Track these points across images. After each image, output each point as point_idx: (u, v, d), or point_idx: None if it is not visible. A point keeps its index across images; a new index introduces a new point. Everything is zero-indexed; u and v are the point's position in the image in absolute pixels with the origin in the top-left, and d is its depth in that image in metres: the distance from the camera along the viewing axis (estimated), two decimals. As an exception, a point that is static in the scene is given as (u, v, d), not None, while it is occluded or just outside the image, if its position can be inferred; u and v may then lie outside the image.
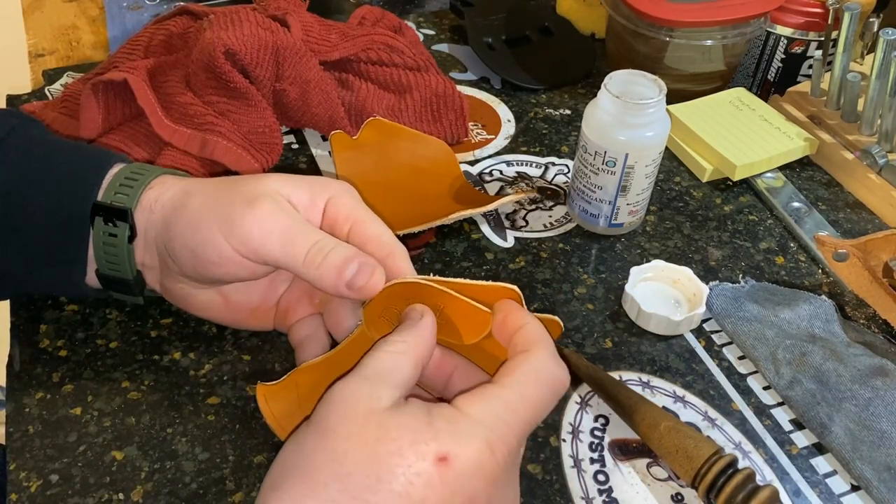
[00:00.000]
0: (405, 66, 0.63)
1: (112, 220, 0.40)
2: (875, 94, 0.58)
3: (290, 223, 0.37)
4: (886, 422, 0.42)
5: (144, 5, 0.79)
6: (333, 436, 0.29)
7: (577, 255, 0.54)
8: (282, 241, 0.36)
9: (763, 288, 0.51)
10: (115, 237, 0.40)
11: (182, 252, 0.38)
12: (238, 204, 0.37)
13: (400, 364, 0.32)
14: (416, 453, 0.28)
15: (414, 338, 0.33)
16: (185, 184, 0.41)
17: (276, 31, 0.57)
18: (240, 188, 0.38)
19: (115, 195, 0.40)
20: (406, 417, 0.29)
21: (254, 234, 0.36)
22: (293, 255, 0.36)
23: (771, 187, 0.60)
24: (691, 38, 0.64)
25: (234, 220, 0.37)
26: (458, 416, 0.30)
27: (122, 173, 0.41)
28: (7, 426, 0.42)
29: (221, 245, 0.37)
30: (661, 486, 0.41)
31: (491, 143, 0.64)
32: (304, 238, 0.36)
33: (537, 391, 0.32)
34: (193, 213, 0.38)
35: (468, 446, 0.29)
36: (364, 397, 0.30)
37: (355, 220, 0.39)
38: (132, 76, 0.53)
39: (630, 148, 0.50)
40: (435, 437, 0.28)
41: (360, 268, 0.36)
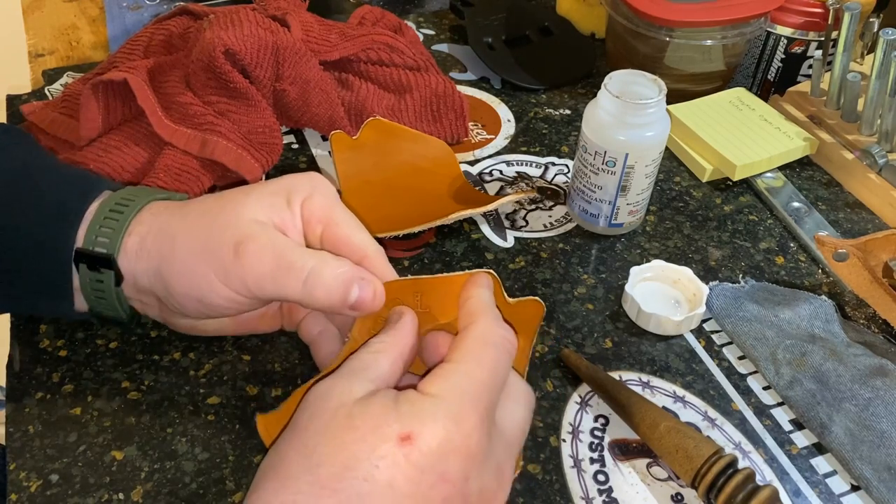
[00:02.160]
0: (405, 66, 0.63)
1: (96, 267, 0.39)
2: (875, 94, 0.58)
3: (276, 257, 0.36)
4: (886, 422, 0.42)
5: (144, 5, 0.79)
6: (304, 432, 0.30)
7: (577, 255, 0.54)
8: (274, 279, 0.36)
9: (763, 288, 0.51)
10: (101, 283, 0.39)
11: (186, 301, 0.38)
12: (226, 249, 0.36)
13: (377, 361, 0.32)
14: (379, 436, 0.28)
15: (392, 337, 0.34)
16: (165, 222, 0.39)
17: (276, 31, 0.57)
18: (221, 225, 0.37)
19: (97, 239, 0.39)
20: (372, 405, 0.30)
21: (248, 281, 0.36)
22: (290, 292, 0.36)
23: (771, 187, 0.60)
24: (691, 38, 0.64)
25: (225, 268, 0.36)
26: (420, 396, 0.30)
27: (102, 212, 0.39)
28: (7, 426, 0.41)
29: (224, 291, 0.37)
30: (661, 486, 0.41)
31: (491, 143, 0.64)
32: (293, 269, 0.36)
33: (489, 354, 0.32)
34: (185, 262, 0.37)
35: (433, 423, 0.29)
36: (336, 393, 0.30)
37: (327, 222, 0.38)
38: (132, 76, 0.53)
39: (630, 148, 0.50)
40: (398, 419, 0.29)
41: (361, 290, 0.36)
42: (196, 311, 0.39)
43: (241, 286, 0.37)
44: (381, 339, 0.34)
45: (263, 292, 0.37)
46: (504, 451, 0.32)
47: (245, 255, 0.36)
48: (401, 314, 0.35)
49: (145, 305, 0.42)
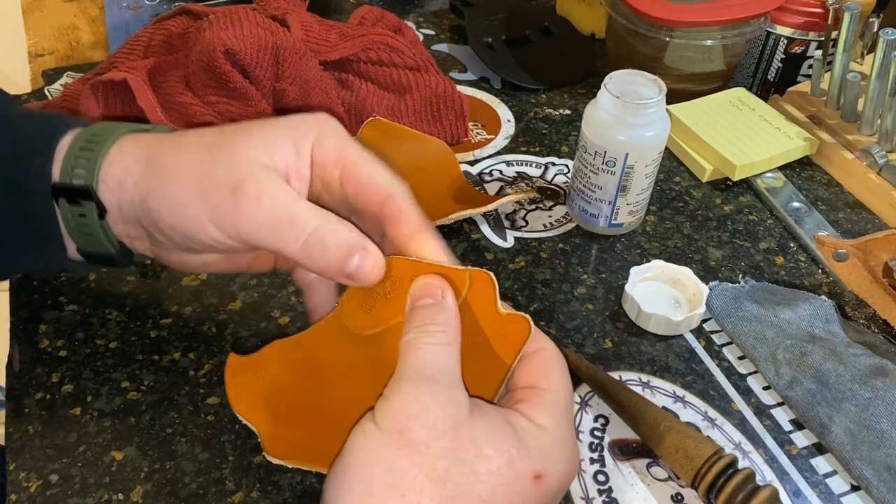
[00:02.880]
0: (405, 66, 0.63)
1: (76, 200, 0.36)
2: (875, 93, 0.58)
3: (277, 209, 0.33)
4: (886, 422, 0.42)
5: (144, 5, 0.79)
6: (429, 452, 0.28)
7: (577, 255, 0.54)
8: (271, 230, 0.34)
9: (763, 288, 0.51)
10: (84, 217, 0.37)
11: (174, 234, 0.36)
12: (222, 190, 0.34)
13: (452, 357, 0.31)
14: (515, 472, 0.29)
15: (449, 326, 0.32)
16: (156, 158, 0.36)
17: (276, 31, 0.57)
18: (220, 166, 0.34)
19: (74, 171, 0.36)
20: (494, 431, 0.29)
21: (242, 228, 0.34)
22: (288, 248, 0.34)
23: (771, 187, 0.60)
24: (691, 38, 0.64)
25: (219, 210, 0.34)
26: (536, 429, 0.30)
27: (77, 143, 0.37)
28: (7, 426, 0.41)
29: (215, 234, 0.35)
30: (660, 486, 0.41)
31: (491, 143, 0.64)
32: (295, 226, 0.34)
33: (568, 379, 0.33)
34: (176, 197, 0.35)
35: (555, 463, 0.30)
36: (446, 405, 0.29)
37: (344, 164, 0.36)
38: (132, 76, 0.53)
39: (630, 148, 0.50)
40: (528, 455, 0.29)
41: (362, 260, 0.34)
42: (183, 245, 0.37)
43: (233, 231, 0.34)
44: (438, 325, 0.32)
45: (258, 242, 0.34)
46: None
47: (243, 199, 0.33)
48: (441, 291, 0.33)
49: (133, 239, 0.39)
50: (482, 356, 0.34)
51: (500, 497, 0.28)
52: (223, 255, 0.40)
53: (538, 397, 0.31)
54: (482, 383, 0.33)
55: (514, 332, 0.33)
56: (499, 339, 0.34)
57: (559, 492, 0.30)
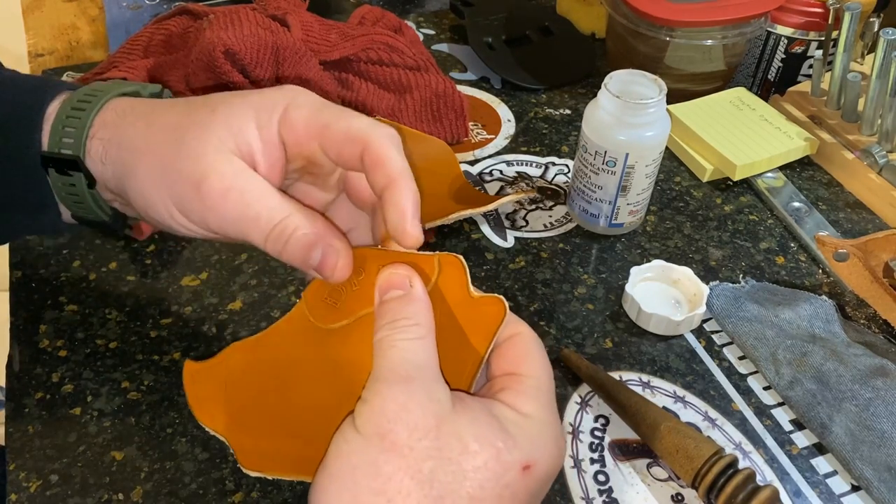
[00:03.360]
0: (405, 65, 0.63)
1: (65, 170, 0.37)
2: (875, 93, 0.58)
3: (242, 205, 0.33)
4: (887, 422, 0.42)
5: (144, 5, 0.79)
6: (412, 454, 0.27)
7: (577, 255, 0.54)
8: (236, 226, 0.33)
9: (763, 288, 0.51)
10: (74, 186, 0.37)
11: (149, 218, 0.36)
12: (187, 184, 0.33)
13: (427, 351, 0.30)
14: (503, 465, 0.28)
15: (422, 318, 0.31)
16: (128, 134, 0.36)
17: (276, 31, 0.57)
18: (185, 152, 0.33)
19: (62, 140, 0.36)
20: (479, 425, 0.28)
21: (210, 221, 0.34)
22: (250, 238, 0.34)
23: (771, 187, 0.60)
24: (691, 38, 0.64)
25: (185, 203, 0.34)
26: (520, 418, 0.30)
27: (64, 111, 0.37)
28: (7, 426, 0.41)
29: (184, 222, 0.34)
30: (661, 486, 0.41)
31: (491, 142, 0.64)
32: (259, 222, 0.33)
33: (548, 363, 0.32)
34: (143, 184, 0.34)
35: (544, 450, 0.29)
36: (425, 403, 0.28)
37: (319, 132, 0.34)
38: (132, 76, 0.53)
39: (630, 148, 0.50)
40: (515, 445, 0.28)
41: (325, 255, 0.33)
42: (159, 225, 0.36)
43: (200, 222, 0.34)
44: (411, 318, 0.31)
45: (225, 234, 0.34)
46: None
47: (208, 195, 0.33)
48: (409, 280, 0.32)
49: (125, 206, 0.39)
50: (457, 342, 0.32)
51: (489, 492, 0.27)
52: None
53: (519, 384, 0.31)
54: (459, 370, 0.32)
55: (488, 314, 0.32)
56: (473, 323, 0.32)
57: (548, 479, 0.30)
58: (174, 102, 0.36)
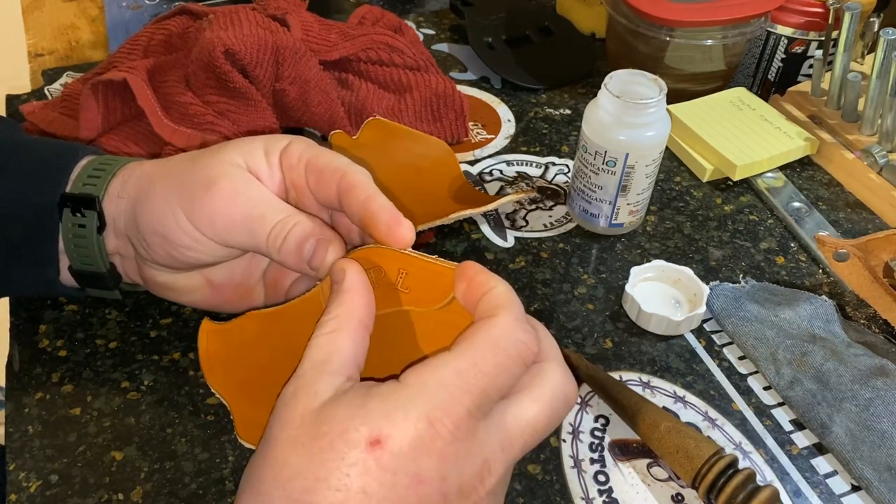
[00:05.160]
0: (405, 65, 0.63)
1: (80, 210, 0.39)
2: (875, 93, 0.58)
3: (250, 205, 0.36)
4: (887, 422, 0.42)
5: (144, 5, 0.79)
6: (275, 443, 0.28)
7: (578, 255, 0.54)
8: (244, 225, 0.36)
9: (763, 288, 0.51)
10: (83, 228, 0.39)
11: (153, 238, 0.38)
12: (198, 187, 0.36)
13: (336, 345, 0.30)
14: (347, 443, 0.27)
15: (342, 307, 0.32)
16: (148, 168, 0.40)
17: (276, 31, 0.57)
18: (199, 166, 0.37)
19: (84, 186, 0.39)
20: (339, 408, 0.28)
21: (216, 220, 0.36)
22: (256, 239, 0.36)
23: (771, 187, 0.60)
24: (691, 38, 0.64)
25: (194, 204, 0.36)
26: (396, 389, 0.28)
27: (91, 164, 0.40)
28: (7, 426, 0.41)
29: (190, 230, 0.37)
30: (661, 486, 0.41)
31: (491, 142, 0.64)
32: (265, 220, 0.36)
33: (494, 357, 0.29)
34: (156, 198, 0.37)
35: (403, 422, 0.27)
36: (300, 397, 0.29)
37: (308, 159, 0.38)
38: (132, 76, 0.53)
39: (630, 148, 0.50)
40: (365, 420, 0.27)
41: (317, 245, 0.35)
42: (163, 253, 0.38)
43: (207, 226, 0.36)
44: (332, 313, 0.32)
45: (231, 237, 0.36)
46: (498, 448, 0.29)
47: (216, 192, 0.36)
48: (344, 271, 0.33)
49: (124, 259, 0.41)
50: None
51: (334, 473, 0.27)
52: (206, 279, 0.42)
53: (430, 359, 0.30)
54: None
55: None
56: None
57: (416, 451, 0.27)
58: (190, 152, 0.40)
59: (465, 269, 0.33)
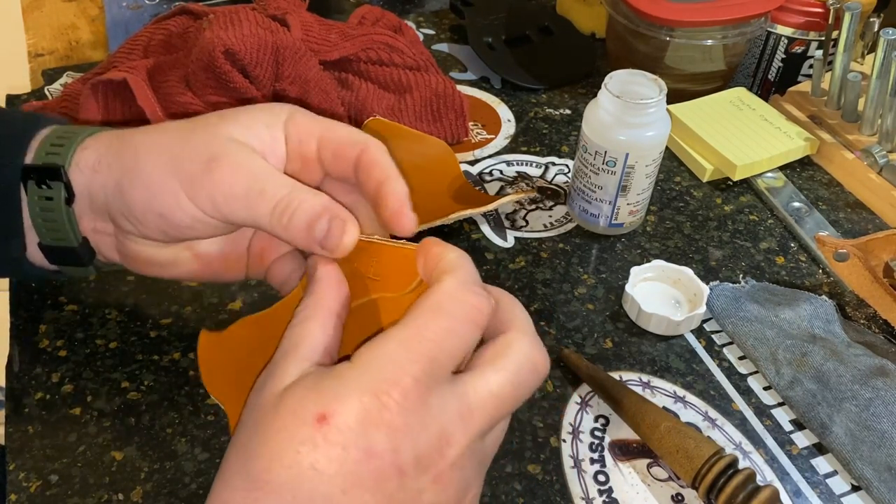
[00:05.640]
0: (405, 65, 0.63)
1: (45, 181, 0.36)
2: (875, 93, 0.58)
3: (250, 179, 0.34)
4: (887, 422, 0.42)
5: (144, 5, 0.79)
6: (241, 428, 0.29)
7: (577, 255, 0.54)
8: (246, 203, 0.34)
9: (763, 288, 0.51)
10: (50, 200, 0.37)
11: (148, 217, 0.36)
12: (197, 163, 0.34)
13: (305, 332, 0.30)
14: (298, 420, 0.27)
15: (313, 299, 0.32)
16: (129, 140, 0.37)
17: (276, 31, 0.57)
18: (195, 142, 0.35)
19: (47, 156, 0.37)
20: (296, 389, 0.28)
21: (217, 198, 0.34)
22: (256, 215, 0.34)
23: (771, 187, 0.60)
24: (692, 38, 0.64)
25: (194, 182, 0.34)
26: (347, 367, 0.28)
27: (53, 133, 0.38)
28: (7, 426, 0.41)
29: (191, 209, 0.35)
30: (661, 486, 0.41)
31: (491, 142, 0.64)
32: (264, 196, 0.34)
33: (437, 322, 0.29)
34: (151, 175, 0.35)
35: (347, 398, 0.27)
36: (268, 383, 0.29)
37: (319, 133, 0.36)
38: (132, 76, 0.53)
39: (630, 148, 0.50)
40: (316, 398, 0.27)
41: (332, 225, 0.33)
42: (157, 230, 0.36)
43: (208, 204, 0.35)
44: (304, 303, 0.32)
45: (232, 214, 0.35)
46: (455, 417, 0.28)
47: (217, 170, 0.34)
48: (314, 265, 0.33)
49: (100, 235, 0.39)
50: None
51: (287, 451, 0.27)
52: (194, 259, 0.40)
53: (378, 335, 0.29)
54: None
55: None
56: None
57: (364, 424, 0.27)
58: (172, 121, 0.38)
59: (424, 245, 0.33)
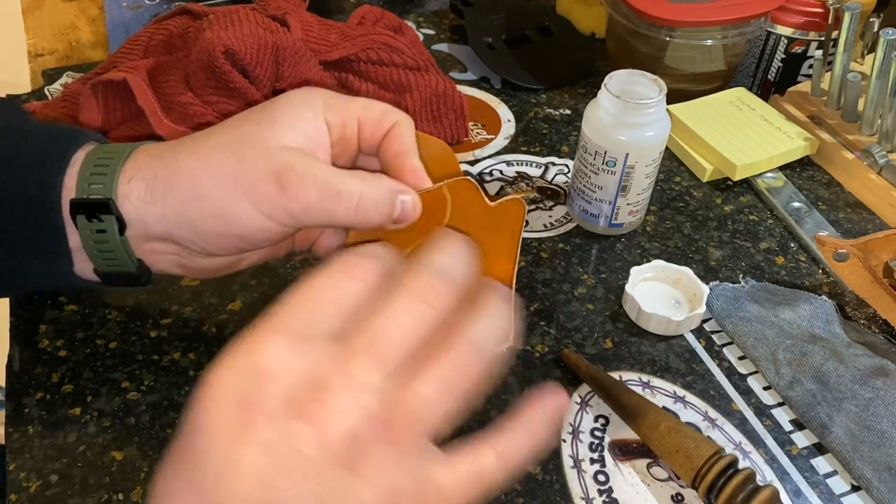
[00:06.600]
0: (405, 65, 0.63)
1: (96, 215, 0.37)
2: (875, 93, 0.58)
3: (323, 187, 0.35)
4: (887, 422, 0.42)
5: (144, 5, 0.79)
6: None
7: (577, 255, 0.54)
8: (324, 210, 0.36)
9: (763, 288, 0.51)
10: (104, 233, 0.37)
11: (225, 240, 0.37)
12: (266, 183, 0.35)
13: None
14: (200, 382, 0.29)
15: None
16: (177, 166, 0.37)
17: (276, 31, 0.57)
18: (253, 159, 0.36)
19: (90, 187, 0.37)
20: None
21: (296, 211, 0.35)
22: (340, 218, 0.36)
23: (771, 187, 0.60)
24: (691, 38, 0.64)
25: (270, 202, 0.35)
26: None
27: (92, 158, 0.38)
28: (7, 426, 0.41)
29: (267, 224, 0.36)
30: (661, 486, 0.41)
31: (491, 142, 0.64)
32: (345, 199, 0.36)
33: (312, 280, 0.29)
34: (220, 202, 0.36)
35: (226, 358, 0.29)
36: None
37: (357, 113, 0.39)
38: (132, 76, 0.53)
39: (630, 148, 0.50)
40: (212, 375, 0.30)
41: (404, 206, 0.37)
42: (234, 248, 0.38)
43: (286, 217, 0.36)
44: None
45: (311, 220, 0.36)
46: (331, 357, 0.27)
47: (289, 186, 0.35)
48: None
49: (158, 255, 0.39)
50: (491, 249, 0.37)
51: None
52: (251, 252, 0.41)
53: None
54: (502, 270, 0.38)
55: (511, 215, 0.38)
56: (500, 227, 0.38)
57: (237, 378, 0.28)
58: (205, 132, 0.38)
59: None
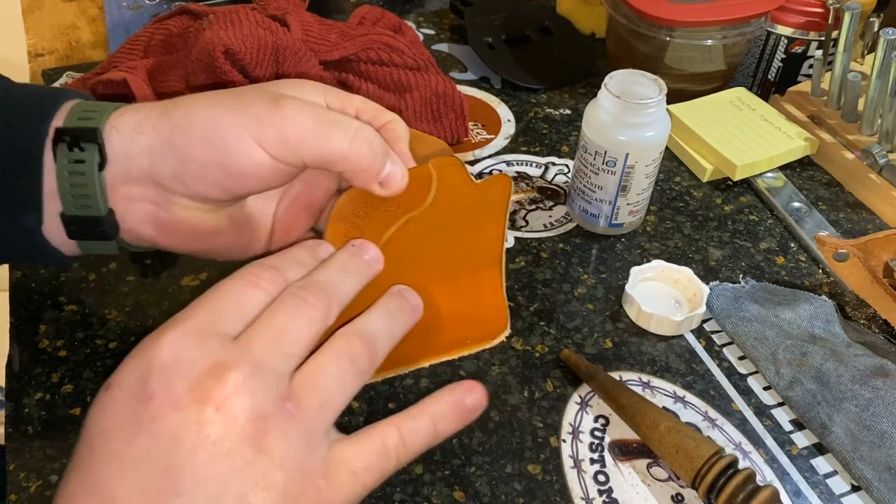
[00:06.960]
0: (405, 65, 0.63)
1: (78, 144, 0.34)
2: (875, 93, 0.58)
3: (322, 116, 0.35)
4: (887, 422, 0.42)
5: (144, 5, 0.79)
6: None
7: (577, 255, 0.54)
8: (319, 136, 0.34)
9: (763, 288, 0.51)
10: (82, 163, 0.35)
11: (208, 169, 0.35)
12: (262, 105, 0.34)
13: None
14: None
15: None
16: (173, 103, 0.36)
17: (276, 31, 0.57)
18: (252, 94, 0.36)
19: (79, 121, 0.35)
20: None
21: (289, 135, 0.34)
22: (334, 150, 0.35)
23: (771, 187, 0.60)
24: (691, 38, 0.64)
25: (263, 120, 0.34)
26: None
27: (80, 106, 0.36)
28: (7, 426, 0.41)
29: (255, 151, 0.34)
30: (661, 486, 0.41)
31: (491, 142, 0.64)
32: (342, 128, 0.35)
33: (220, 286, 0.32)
34: (210, 125, 0.34)
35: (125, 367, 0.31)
36: None
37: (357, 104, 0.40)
38: (132, 76, 0.53)
39: (630, 148, 0.50)
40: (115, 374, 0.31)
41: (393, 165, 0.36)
42: (215, 184, 0.35)
43: (277, 143, 0.34)
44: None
45: (303, 148, 0.34)
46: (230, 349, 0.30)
47: (285, 106, 0.34)
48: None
49: (134, 203, 0.37)
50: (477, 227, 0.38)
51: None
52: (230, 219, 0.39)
53: None
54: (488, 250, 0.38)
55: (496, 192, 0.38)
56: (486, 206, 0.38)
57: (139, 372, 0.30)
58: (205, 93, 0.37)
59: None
